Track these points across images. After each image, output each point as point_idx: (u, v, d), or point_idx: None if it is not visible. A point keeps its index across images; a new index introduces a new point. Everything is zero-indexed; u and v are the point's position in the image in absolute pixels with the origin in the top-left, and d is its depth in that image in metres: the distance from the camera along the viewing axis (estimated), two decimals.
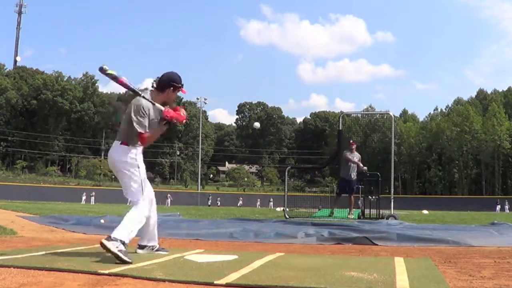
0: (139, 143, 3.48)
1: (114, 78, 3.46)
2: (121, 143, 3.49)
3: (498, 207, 43.52)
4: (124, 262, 3.07)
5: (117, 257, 3.09)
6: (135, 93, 3.49)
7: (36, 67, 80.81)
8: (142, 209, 3.44)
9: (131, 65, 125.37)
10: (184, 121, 3.57)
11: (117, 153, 3.48)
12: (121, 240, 3.19)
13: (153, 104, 3.45)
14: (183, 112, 3.55)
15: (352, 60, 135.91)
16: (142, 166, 3.52)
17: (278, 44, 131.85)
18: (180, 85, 3.60)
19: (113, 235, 3.21)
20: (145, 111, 3.40)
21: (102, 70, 3.44)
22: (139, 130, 3.39)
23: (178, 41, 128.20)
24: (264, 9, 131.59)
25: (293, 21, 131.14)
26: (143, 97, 3.45)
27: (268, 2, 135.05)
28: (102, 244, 3.17)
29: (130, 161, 3.46)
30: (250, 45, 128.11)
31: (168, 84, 3.56)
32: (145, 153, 3.70)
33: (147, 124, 3.42)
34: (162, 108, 3.46)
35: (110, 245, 3.13)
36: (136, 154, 3.48)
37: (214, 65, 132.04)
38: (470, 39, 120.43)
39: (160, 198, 43.55)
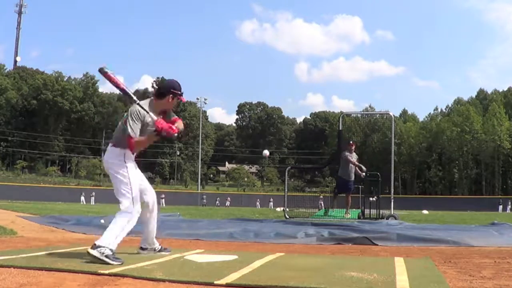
0: (127, 148, 3.48)
1: (113, 81, 3.46)
2: (112, 145, 3.53)
3: (500, 207, 43.50)
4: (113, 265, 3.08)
5: (105, 262, 3.10)
6: (130, 99, 3.48)
7: (42, 68, 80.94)
8: (129, 212, 3.39)
9: (131, 64, 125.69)
10: (176, 134, 3.46)
11: (107, 155, 3.52)
12: (105, 247, 3.20)
13: (147, 113, 3.41)
14: (177, 125, 3.48)
15: (349, 59, 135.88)
16: (132, 168, 3.49)
17: (274, 44, 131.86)
18: (179, 92, 3.58)
19: (97, 242, 3.22)
20: (139, 117, 3.39)
21: (101, 71, 3.43)
22: (130, 134, 3.36)
23: (178, 41, 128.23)
24: (257, 8, 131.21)
25: (288, 19, 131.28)
26: (138, 104, 3.43)
27: (265, 1, 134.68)
28: (88, 253, 3.18)
29: (118, 162, 3.46)
30: (246, 45, 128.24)
31: (168, 91, 3.54)
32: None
33: (138, 130, 3.39)
34: (155, 118, 3.41)
35: (95, 253, 3.15)
36: (124, 155, 3.47)
37: (211, 65, 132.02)
38: (474, 40, 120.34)
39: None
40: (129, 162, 3.48)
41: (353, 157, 10.48)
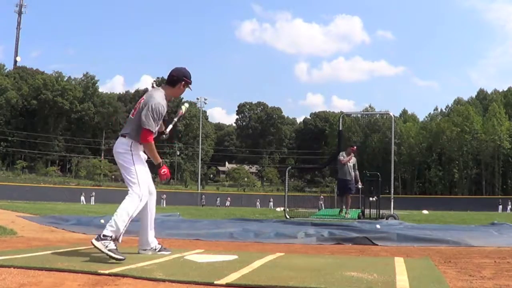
0: (138, 139, 3.50)
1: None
2: (120, 136, 3.56)
3: (500, 207, 43.50)
4: (117, 260, 3.09)
5: (109, 256, 3.11)
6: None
7: (42, 68, 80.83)
8: (135, 198, 3.42)
9: (131, 64, 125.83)
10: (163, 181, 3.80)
11: (115, 145, 3.57)
12: (111, 237, 3.21)
13: (171, 122, 3.80)
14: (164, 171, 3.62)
15: (349, 58, 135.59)
16: (138, 157, 3.54)
17: (274, 44, 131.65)
18: (190, 81, 3.69)
19: (103, 232, 3.22)
20: (159, 116, 3.46)
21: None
22: (149, 128, 3.41)
23: (178, 42, 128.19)
24: (257, 8, 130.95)
25: (287, 19, 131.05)
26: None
27: (265, 1, 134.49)
28: (92, 244, 3.20)
29: (123, 151, 3.50)
30: (246, 45, 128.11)
31: (180, 79, 3.63)
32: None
33: (156, 128, 3.48)
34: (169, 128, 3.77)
35: (99, 245, 3.15)
36: (131, 145, 3.50)
37: (211, 65, 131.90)
38: (474, 40, 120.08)
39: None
40: (135, 151, 3.51)
41: (351, 161, 10.54)
